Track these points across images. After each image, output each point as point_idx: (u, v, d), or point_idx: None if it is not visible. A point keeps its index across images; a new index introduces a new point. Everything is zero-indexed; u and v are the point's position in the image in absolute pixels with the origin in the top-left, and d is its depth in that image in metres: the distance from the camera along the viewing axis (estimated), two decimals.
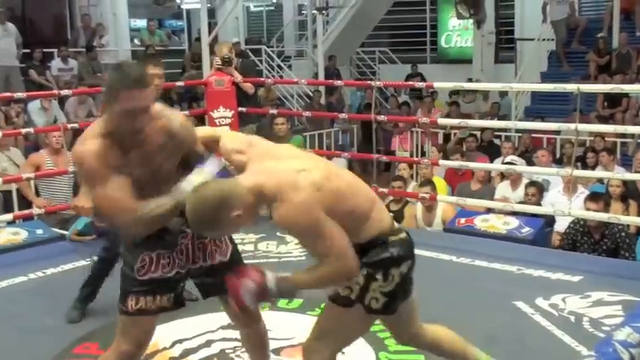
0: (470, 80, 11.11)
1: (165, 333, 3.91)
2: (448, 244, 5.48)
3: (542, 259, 5.09)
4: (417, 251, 5.39)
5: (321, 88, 12.10)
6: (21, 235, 5.59)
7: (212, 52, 8.98)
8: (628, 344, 0.69)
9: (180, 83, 7.66)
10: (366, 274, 2.57)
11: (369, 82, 11.50)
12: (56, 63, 11.43)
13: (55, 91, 8.79)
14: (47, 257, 5.21)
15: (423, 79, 12.46)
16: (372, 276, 2.58)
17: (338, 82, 8.87)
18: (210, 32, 9.54)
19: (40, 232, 5.70)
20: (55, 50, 11.65)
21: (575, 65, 12.37)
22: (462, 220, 5.91)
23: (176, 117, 2.78)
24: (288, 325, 3.95)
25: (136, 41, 14.23)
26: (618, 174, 6.69)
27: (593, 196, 5.76)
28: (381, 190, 6.21)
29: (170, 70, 12.49)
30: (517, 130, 9.27)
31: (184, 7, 15.49)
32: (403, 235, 2.68)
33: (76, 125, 7.01)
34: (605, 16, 12.50)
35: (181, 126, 2.74)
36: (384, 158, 7.86)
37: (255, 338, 3.10)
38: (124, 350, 2.79)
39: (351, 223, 2.52)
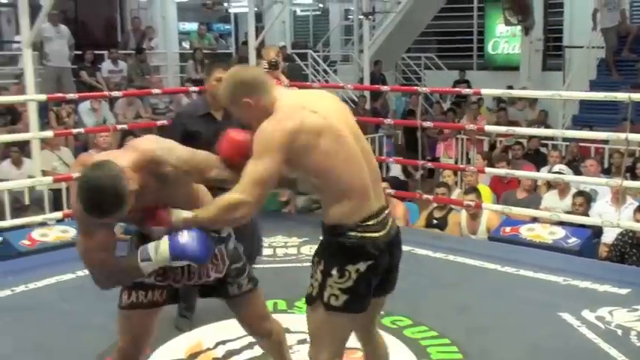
0: (511, 87, 10.96)
1: (209, 334, 3.96)
2: (493, 252, 5.44)
3: (589, 270, 5.02)
4: (460, 259, 5.41)
5: (366, 93, 12.09)
6: (70, 233, 5.71)
7: (259, 56, 9.04)
8: None
9: None
10: (322, 270, 2.52)
11: (415, 87, 11.45)
12: (106, 65, 11.63)
13: (106, 93, 8.96)
14: None
15: (469, 86, 12.37)
16: (328, 271, 2.51)
17: (384, 88, 8.86)
18: (257, 36, 9.59)
19: None
20: (105, 52, 11.85)
21: (625, 74, 12.14)
22: (507, 229, 5.86)
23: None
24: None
25: (184, 44, 14.42)
26: None
27: None
28: (425, 196, 6.20)
29: None
30: (564, 139, 9.14)
31: (232, 10, 15.65)
32: (376, 234, 2.51)
33: (125, 126, 7.16)
34: None
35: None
36: (430, 165, 7.83)
37: (273, 347, 3.11)
38: (120, 347, 2.79)
39: (323, 188, 2.49)
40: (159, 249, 2.47)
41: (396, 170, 9.68)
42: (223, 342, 3.87)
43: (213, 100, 3.85)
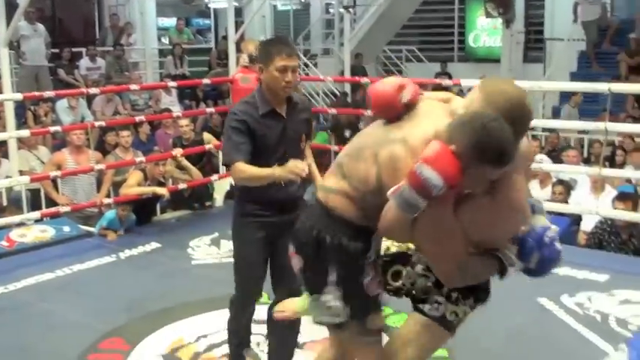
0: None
1: (190, 327, 3.94)
2: None
3: (568, 257, 4.95)
4: None
5: (347, 87, 12.09)
6: (48, 232, 5.67)
7: (239, 50, 9.02)
8: None
9: (206, 81, 7.68)
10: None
11: None
12: (84, 62, 11.55)
13: (83, 90, 8.87)
14: (73, 254, 5.28)
15: (451, 78, 12.40)
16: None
17: (364, 80, 8.83)
18: (237, 31, 9.55)
19: (67, 229, 5.78)
20: (83, 50, 11.77)
21: (606, 66, 12.22)
22: None
23: None
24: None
25: (163, 40, 14.34)
26: None
27: (621, 196, 5.70)
28: None
29: (197, 68, 12.61)
30: (544, 129, 9.18)
31: (212, 6, 15.57)
32: None
33: (102, 123, 7.09)
34: (637, 17, 12.32)
35: None
36: None
37: None
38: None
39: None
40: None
41: None
42: (204, 335, 3.87)
43: (273, 94, 3.18)
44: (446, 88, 12.20)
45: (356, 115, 10.87)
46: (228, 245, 5.46)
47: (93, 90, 7.45)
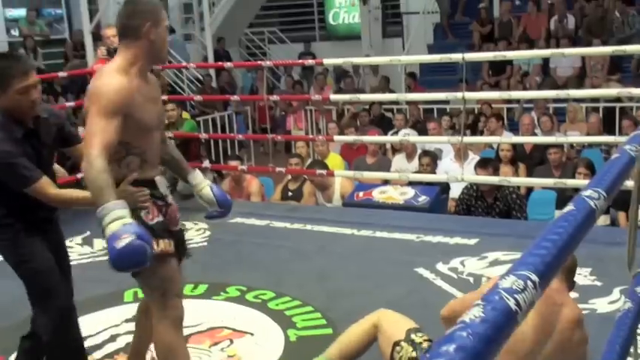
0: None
1: None
2: (348, 218, 5.55)
3: (439, 225, 5.24)
4: (317, 227, 5.49)
5: (212, 72, 11.96)
6: None
7: (95, 40, 8.70)
8: (513, 291, 0.73)
9: (63, 74, 7.36)
10: None
11: (259, 62, 11.44)
12: None
13: None
14: None
15: (314, 58, 12.52)
16: None
17: (227, 64, 8.75)
18: (91, 19, 9.23)
19: None
20: None
21: (460, 36, 12.69)
22: (361, 194, 5.99)
23: None
24: (194, 312, 3.90)
25: (13, 32, 13.61)
26: (505, 138, 6.94)
27: (482, 162, 5.95)
28: (278, 169, 6.22)
29: (52, 60, 12.07)
30: (408, 102, 9.45)
31: None
32: None
33: None
34: None
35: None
36: (279, 138, 7.87)
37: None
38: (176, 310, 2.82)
39: None
40: None
41: None
42: (84, 338, 3.73)
43: (21, 115, 2.89)
44: (311, 68, 12.42)
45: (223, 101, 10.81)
46: (102, 243, 5.28)
47: None
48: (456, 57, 5.74)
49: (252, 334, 3.62)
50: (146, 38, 2.65)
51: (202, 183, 3.09)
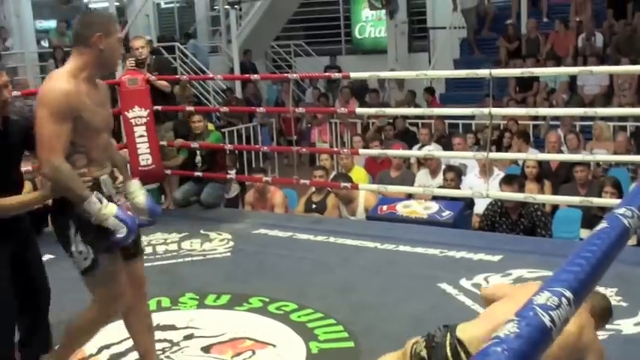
0: None
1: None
2: (371, 231, 5.54)
3: (463, 240, 5.21)
4: (341, 240, 5.48)
5: (237, 83, 12.04)
6: None
7: (125, 51, 8.79)
8: (547, 307, 0.73)
9: None
10: None
11: (285, 74, 11.50)
12: None
13: None
14: None
15: (340, 72, 12.56)
16: None
17: (254, 76, 8.82)
18: (120, 31, 9.33)
19: None
20: None
21: (487, 52, 12.66)
22: (384, 208, 5.98)
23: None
24: (217, 322, 3.92)
25: (43, 43, 13.80)
26: (532, 155, 6.90)
27: (507, 179, 5.91)
28: (303, 181, 6.23)
29: None
30: (433, 117, 9.43)
31: (92, 6, 15.12)
32: None
33: None
34: (513, 4, 12.86)
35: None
36: (304, 150, 7.88)
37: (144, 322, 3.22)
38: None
39: None
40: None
41: None
42: (107, 346, 3.75)
43: None
44: (336, 81, 12.46)
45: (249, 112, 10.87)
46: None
47: None
48: (483, 73, 5.72)
49: (274, 346, 3.63)
50: (95, 47, 2.83)
51: (137, 192, 3.23)
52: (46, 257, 5.29)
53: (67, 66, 2.85)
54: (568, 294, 0.86)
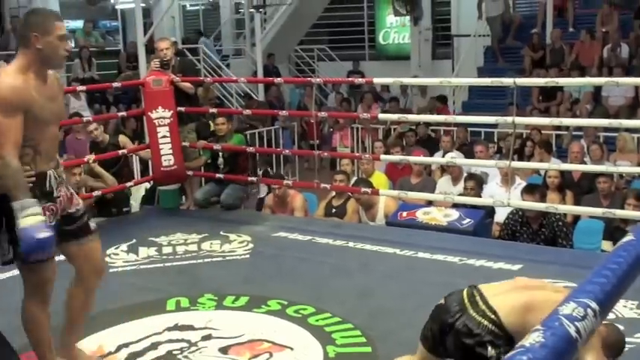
0: None
1: (110, 337, 3.85)
2: (391, 237, 5.53)
3: (483, 249, 5.19)
4: (360, 245, 5.48)
5: (260, 87, 12.08)
6: None
7: (148, 52, 8.86)
8: (573, 318, 0.73)
9: (116, 84, 7.51)
10: None
11: (309, 78, 11.53)
12: None
13: None
14: None
15: (363, 77, 12.56)
16: None
17: (277, 80, 8.84)
18: (145, 32, 9.39)
19: None
20: None
21: (510, 60, 12.61)
22: (404, 214, 5.97)
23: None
24: (235, 324, 3.93)
25: (69, 43, 13.91)
26: (554, 165, 6.85)
27: (529, 189, 5.88)
28: (323, 185, 6.24)
29: (106, 71, 12.32)
30: (456, 124, 9.41)
31: (119, 7, 15.24)
32: None
33: None
34: (539, 13, 12.81)
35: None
36: (325, 154, 7.89)
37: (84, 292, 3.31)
38: (49, 291, 3.12)
39: None
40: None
41: None
42: (126, 345, 3.78)
43: None
44: (359, 87, 12.46)
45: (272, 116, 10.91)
46: (146, 252, 5.37)
47: None
48: (508, 81, 5.69)
49: (291, 349, 3.63)
50: (34, 47, 2.93)
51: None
52: None
53: (13, 64, 2.96)
54: (594, 305, 0.86)
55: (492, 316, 2.73)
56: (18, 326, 3.23)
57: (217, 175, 6.56)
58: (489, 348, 2.69)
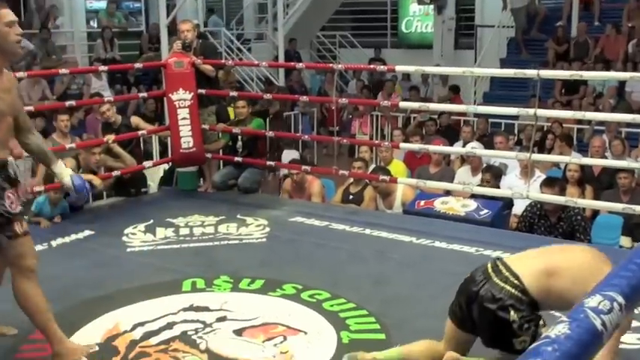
0: None
1: (126, 316, 3.88)
2: (408, 225, 5.52)
3: (500, 240, 5.16)
4: (377, 232, 5.47)
5: (281, 71, 12.06)
6: None
7: (170, 34, 8.87)
8: (599, 311, 0.72)
9: (138, 65, 7.52)
10: None
11: (330, 64, 11.50)
12: None
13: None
14: None
15: (385, 64, 12.51)
16: None
17: (299, 65, 8.84)
18: (168, 14, 9.40)
19: None
20: None
21: (534, 52, 12.52)
22: (422, 203, 5.96)
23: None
24: (250, 306, 3.94)
25: (92, 23, 13.97)
26: (575, 158, 6.80)
27: (548, 182, 5.83)
28: (342, 172, 6.23)
29: (128, 52, 12.35)
30: (476, 115, 9.35)
31: None
32: None
33: (30, 108, 6.87)
34: (565, 6, 12.68)
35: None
36: (345, 141, 7.88)
37: None
38: (30, 264, 3.24)
39: None
40: None
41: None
42: (141, 323, 3.80)
43: None
44: (381, 74, 12.40)
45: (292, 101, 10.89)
46: (164, 232, 5.40)
47: (19, 74, 7.19)
48: (531, 73, 5.65)
49: (305, 333, 3.64)
50: None
51: (63, 172, 3.51)
52: (86, 233, 5.43)
53: None
54: (620, 299, 0.85)
55: (515, 281, 2.78)
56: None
57: (236, 159, 6.58)
58: (512, 312, 2.73)
